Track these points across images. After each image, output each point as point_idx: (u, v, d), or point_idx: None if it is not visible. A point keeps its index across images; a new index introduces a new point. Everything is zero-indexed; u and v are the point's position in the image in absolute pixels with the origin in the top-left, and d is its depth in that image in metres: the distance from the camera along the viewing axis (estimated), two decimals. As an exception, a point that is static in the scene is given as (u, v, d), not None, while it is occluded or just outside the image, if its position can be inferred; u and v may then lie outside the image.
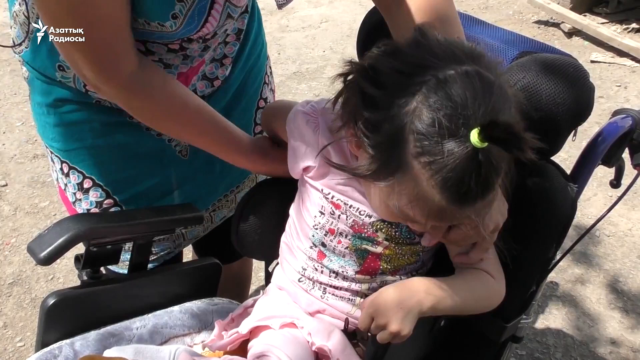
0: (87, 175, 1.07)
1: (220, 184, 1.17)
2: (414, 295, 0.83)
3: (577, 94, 0.86)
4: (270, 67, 1.25)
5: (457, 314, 0.87)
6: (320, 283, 0.94)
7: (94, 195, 1.08)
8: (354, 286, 0.92)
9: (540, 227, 0.90)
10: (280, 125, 0.96)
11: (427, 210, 0.73)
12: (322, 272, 0.93)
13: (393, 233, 0.89)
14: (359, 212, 0.89)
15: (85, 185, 1.08)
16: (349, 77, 0.79)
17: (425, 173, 0.69)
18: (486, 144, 0.65)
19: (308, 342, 0.88)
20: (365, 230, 0.89)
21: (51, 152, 1.09)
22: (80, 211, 1.10)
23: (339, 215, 0.89)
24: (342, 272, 0.91)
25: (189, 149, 1.11)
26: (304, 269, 0.95)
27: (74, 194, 1.09)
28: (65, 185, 1.10)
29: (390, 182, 0.74)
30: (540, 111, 0.84)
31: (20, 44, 0.98)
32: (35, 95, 1.04)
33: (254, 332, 0.93)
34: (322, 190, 0.91)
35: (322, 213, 0.91)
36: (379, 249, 0.89)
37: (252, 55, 1.15)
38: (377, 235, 0.89)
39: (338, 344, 0.88)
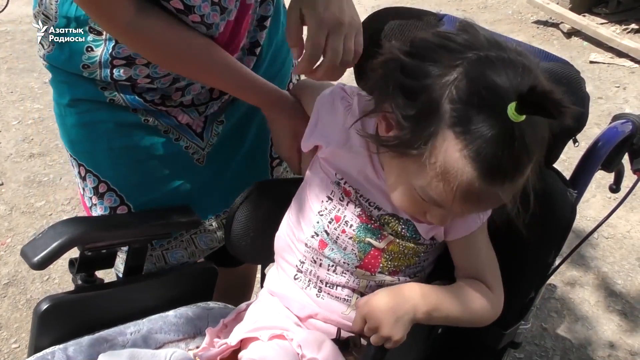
0: (101, 179, 1.06)
1: (232, 191, 1.14)
2: (408, 300, 0.82)
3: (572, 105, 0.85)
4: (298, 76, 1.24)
5: (452, 324, 0.87)
6: (317, 278, 0.93)
7: (109, 201, 1.07)
8: (352, 282, 0.91)
9: (539, 233, 0.89)
10: (309, 101, 0.97)
11: (454, 187, 0.71)
12: (320, 264, 0.92)
13: (399, 229, 0.88)
14: (369, 203, 0.88)
15: (101, 190, 1.06)
16: (388, 61, 0.79)
17: (459, 143, 0.69)
18: (522, 117, 0.66)
19: (298, 354, 0.86)
20: (372, 222, 0.88)
21: (70, 156, 1.09)
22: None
23: (348, 203, 0.89)
24: (343, 262, 0.90)
25: (206, 156, 1.10)
26: (302, 262, 0.94)
27: (90, 198, 1.08)
28: (83, 189, 1.10)
29: (421, 151, 0.72)
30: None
31: (49, 46, 0.98)
32: (55, 96, 1.04)
33: (244, 342, 0.92)
34: (335, 174, 0.90)
35: (330, 199, 0.91)
36: (382, 244, 0.88)
37: (277, 60, 1.14)
38: (383, 228, 0.88)
39: (329, 355, 0.86)
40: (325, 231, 0.90)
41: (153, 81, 0.98)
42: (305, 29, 0.95)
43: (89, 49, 0.95)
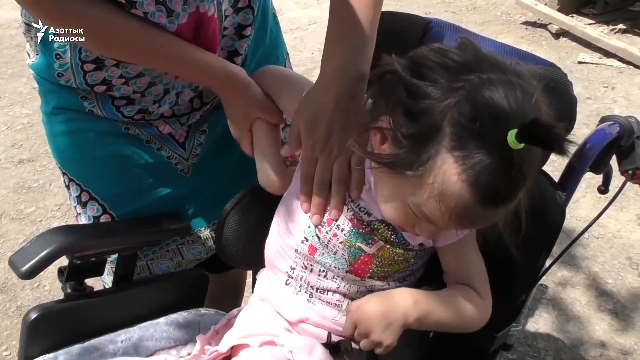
0: (84, 188, 1.05)
1: (223, 201, 1.11)
2: (399, 307, 0.82)
3: (559, 109, 0.86)
4: None
5: (442, 330, 0.87)
6: (308, 284, 0.92)
7: (92, 210, 1.06)
8: (343, 287, 0.91)
9: (529, 237, 0.89)
10: (288, 98, 0.95)
11: (451, 208, 0.72)
12: (311, 270, 0.92)
13: (388, 235, 0.88)
14: (359, 208, 0.89)
15: (83, 199, 1.06)
16: (387, 73, 0.78)
17: (458, 167, 0.69)
18: (522, 145, 0.66)
19: None
20: (364, 227, 0.88)
21: (56, 164, 1.08)
22: None
23: (343, 205, 0.90)
24: (333, 267, 0.90)
25: (192, 167, 1.09)
26: (293, 269, 0.94)
27: (75, 207, 1.08)
28: (69, 198, 1.09)
29: (418, 173, 0.72)
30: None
31: (33, 55, 0.98)
32: (42, 106, 1.04)
33: (235, 349, 0.91)
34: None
35: None
36: (372, 249, 0.88)
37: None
38: (373, 233, 0.88)
39: None
40: (317, 235, 0.90)
41: (128, 81, 0.97)
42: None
43: (58, 56, 0.94)
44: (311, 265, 0.92)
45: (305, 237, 0.91)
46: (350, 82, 0.86)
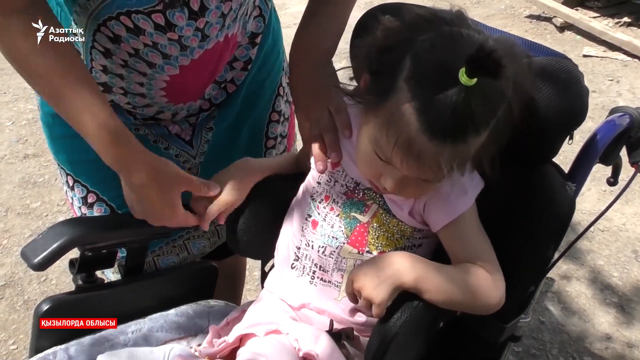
0: (90, 189, 1.05)
1: None
2: (393, 265, 0.83)
3: (571, 99, 0.86)
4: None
5: (449, 306, 0.86)
6: (312, 262, 0.94)
7: (98, 211, 1.06)
8: (341, 263, 0.92)
9: (538, 227, 0.89)
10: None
11: (397, 136, 0.75)
12: (312, 246, 0.94)
13: (377, 199, 0.91)
14: (349, 181, 0.94)
15: (90, 200, 1.06)
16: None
17: (409, 95, 0.73)
18: (473, 81, 0.68)
19: (295, 348, 0.87)
20: (356, 195, 0.93)
21: (58, 164, 1.08)
22: None
23: (335, 182, 0.95)
24: (332, 238, 0.92)
25: (200, 167, 1.10)
26: (298, 248, 0.97)
27: (80, 208, 1.08)
28: (72, 199, 1.09)
29: (379, 102, 0.78)
30: (535, 117, 0.84)
31: None
32: (43, 105, 1.02)
33: (243, 339, 0.93)
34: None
35: (319, 183, 0.97)
36: (366, 217, 0.91)
37: (267, 64, 1.13)
38: (366, 199, 0.92)
39: (326, 348, 0.87)
40: (317, 212, 0.95)
41: (135, 108, 0.97)
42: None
43: None
44: (312, 241, 0.95)
45: (308, 214, 0.96)
46: (320, 58, 0.94)
